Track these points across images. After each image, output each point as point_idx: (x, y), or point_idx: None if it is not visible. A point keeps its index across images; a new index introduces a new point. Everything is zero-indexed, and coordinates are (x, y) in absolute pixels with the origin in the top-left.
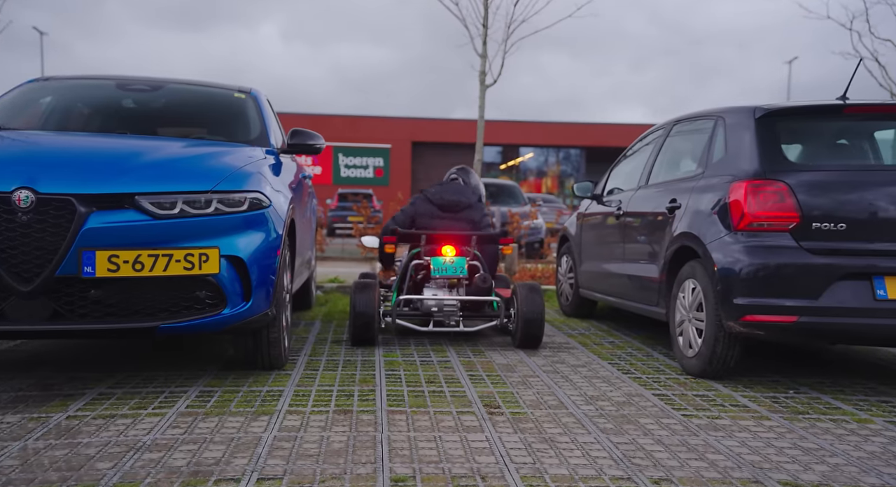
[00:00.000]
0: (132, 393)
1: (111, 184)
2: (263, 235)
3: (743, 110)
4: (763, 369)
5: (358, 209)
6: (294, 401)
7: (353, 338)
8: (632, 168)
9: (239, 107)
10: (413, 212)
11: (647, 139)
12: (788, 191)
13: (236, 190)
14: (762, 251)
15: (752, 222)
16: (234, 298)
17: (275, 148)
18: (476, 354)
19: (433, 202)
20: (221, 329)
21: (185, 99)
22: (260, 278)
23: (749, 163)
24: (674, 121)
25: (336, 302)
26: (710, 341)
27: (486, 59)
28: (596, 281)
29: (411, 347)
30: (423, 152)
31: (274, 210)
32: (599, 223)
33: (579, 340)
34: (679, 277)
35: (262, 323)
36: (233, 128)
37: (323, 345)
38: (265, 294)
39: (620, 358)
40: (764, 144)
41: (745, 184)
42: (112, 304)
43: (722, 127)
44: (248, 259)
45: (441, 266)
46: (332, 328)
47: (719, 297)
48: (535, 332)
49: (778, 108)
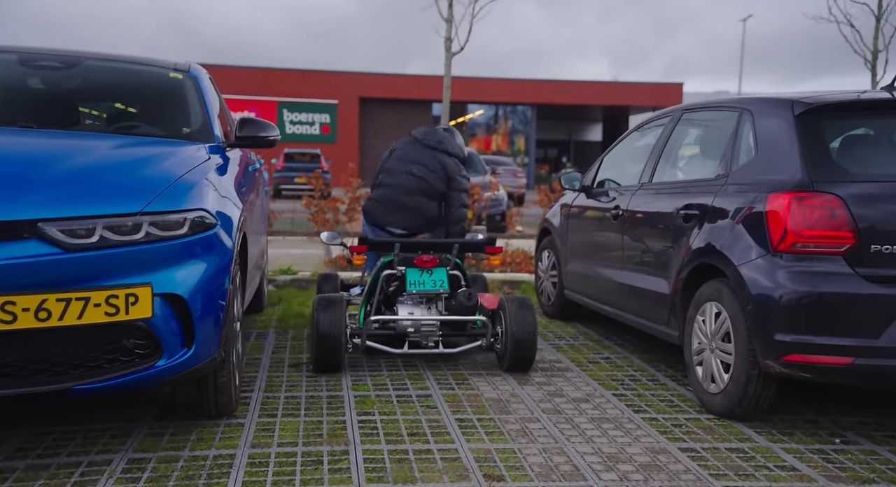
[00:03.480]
0: (37, 469)
1: (5, 207)
2: (209, 263)
3: (777, 103)
4: (789, 399)
5: (309, 180)
6: (250, 474)
7: (317, 365)
8: (629, 160)
9: (175, 90)
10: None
11: (647, 127)
12: (841, 205)
13: (174, 209)
14: (809, 278)
15: (796, 242)
16: (173, 345)
17: (220, 141)
18: (459, 382)
19: (419, 141)
20: (156, 383)
21: (109, 79)
22: (205, 317)
23: (790, 170)
24: (682, 108)
25: (290, 301)
26: (741, 379)
27: (452, 24)
28: (586, 285)
29: (383, 372)
30: (371, 108)
31: (222, 229)
32: (591, 219)
33: (571, 356)
34: (698, 297)
35: (209, 369)
36: (168, 118)
37: (279, 372)
38: (212, 335)
39: (624, 384)
40: (808, 146)
41: (787, 196)
42: (7, 364)
43: (749, 122)
44: (190, 295)
45: (418, 279)
46: (288, 340)
47: (754, 330)
48: (526, 355)
49: (823, 103)
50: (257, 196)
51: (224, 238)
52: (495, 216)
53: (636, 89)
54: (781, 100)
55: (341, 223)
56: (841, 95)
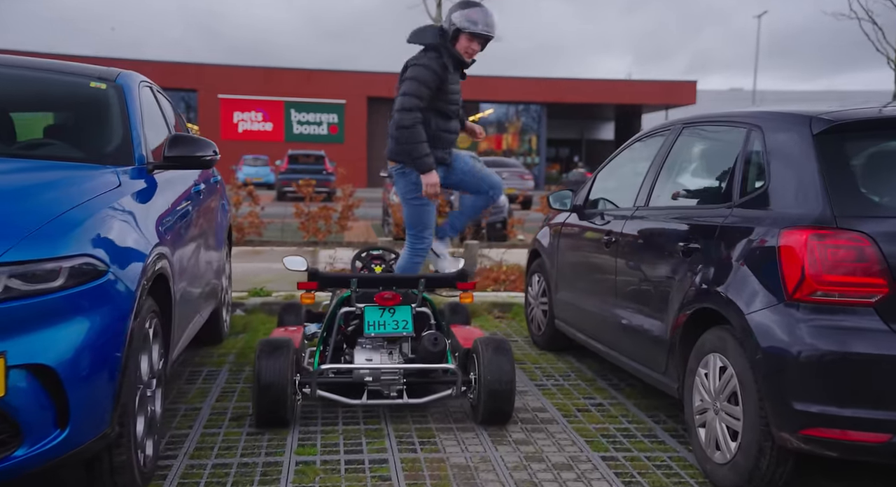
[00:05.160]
0: None
1: None
2: (95, 320)
3: (792, 119)
4: (812, 472)
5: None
6: None
7: (258, 420)
8: (624, 179)
9: (94, 103)
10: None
11: (644, 143)
12: (871, 244)
13: (46, 257)
14: (835, 335)
15: (815, 290)
16: (39, 428)
17: (145, 163)
18: (424, 441)
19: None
20: (19, 476)
21: (13, 89)
22: (87, 389)
23: (808, 201)
24: (683, 122)
25: (257, 329)
26: (751, 451)
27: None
28: (576, 317)
29: (338, 426)
30: (380, 108)
31: (119, 276)
32: (582, 244)
33: (558, 402)
34: (699, 347)
35: (98, 448)
36: (80, 135)
37: (218, 427)
38: (99, 409)
39: (616, 442)
40: (830, 172)
41: (804, 233)
42: None
43: (759, 141)
44: (63, 364)
45: (378, 320)
46: (241, 381)
47: (767, 396)
48: (502, 408)
49: (847, 119)
50: (208, 217)
51: (121, 286)
52: (496, 223)
53: (649, 87)
54: (797, 116)
55: (333, 233)
56: (869, 110)
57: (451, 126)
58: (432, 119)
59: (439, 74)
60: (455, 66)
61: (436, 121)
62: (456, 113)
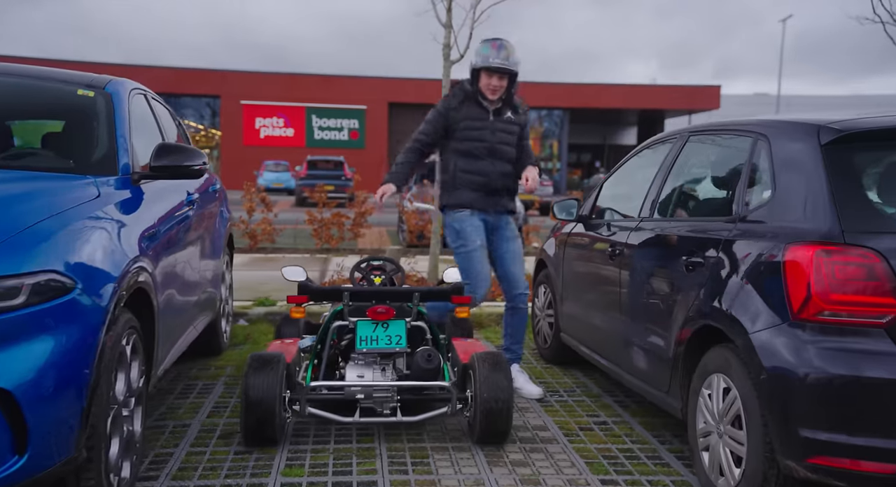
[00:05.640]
0: None
1: None
2: (60, 339)
3: (800, 128)
4: None
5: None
6: None
7: (246, 438)
8: (630, 188)
9: (80, 111)
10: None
11: (651, 151)
12: (881, 262)
13: (6, 274)
14: (843, 358)
15: (822, 309)
16: None
17: (131, 172)
18: (417, 462)
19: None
20: None
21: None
22: (47, 413)
23: (815, 215)
24: (689, 131)
25: (259, 340)
26: (755, 478)
27: (450, 30)
28: (581, 330)
29: (329, 445)
30: (400, 113)
31: (88, 291)
32: (587, 256)
33: (560, 419)
34: (702, 367)
35: (60, 474)
36: (64, 144)
37: (205, 446)
38: (62, 433)
39: (618, 464)
40: (838, 184)
41: (811, 249)
42: None
43: (765, 151)
44: (22, 388)
45: (370, 334)
46: (235, 396)
47: (771, 421)
48: (499, 428)
49: (858, 129)
50: (203, 227)
51: (90, 303)
52: None
53: (672, 92)
54: (805, 125)
55: (346, 240)
56: (881, 119)
57: (479, 167)
58: (453, 159)
59: (442, 113)
60: (482, 104)
61: (456, 161)
62: (489, 153)
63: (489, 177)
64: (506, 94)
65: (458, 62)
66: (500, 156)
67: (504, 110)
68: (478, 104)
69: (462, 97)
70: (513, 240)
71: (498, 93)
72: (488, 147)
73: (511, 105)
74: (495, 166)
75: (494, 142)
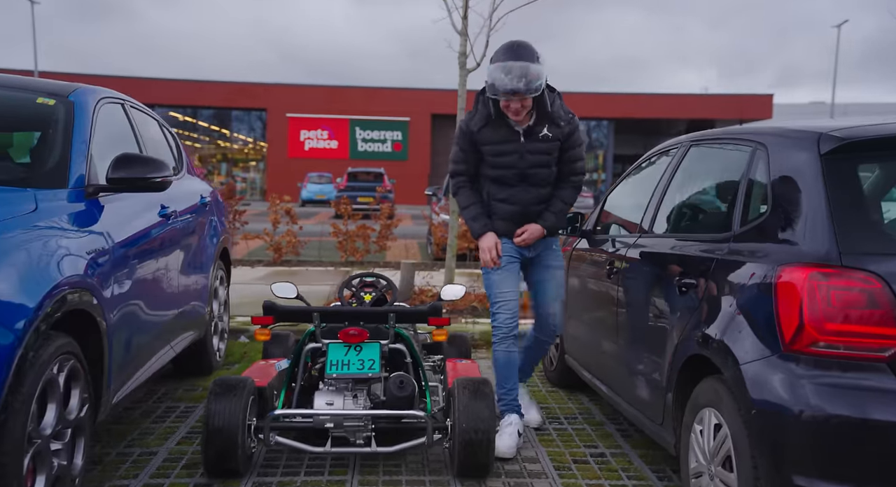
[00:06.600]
0: None
1: None
2: None
3: (798, 136)
4: None
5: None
6: None
7: (207, 468)
8: (630, 201)
9: (35, 120)
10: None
11: (653, 162)
12: (883, 288)
13: None
14: (840, 395)
15: (817, 340)
16: None
17: (85, 185)
18: None
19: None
20: None
21: None
22: None
23: (811, 233)
24: (690, 140)
25: (255, 358)
26: None
27: (466, 38)
28: (584, 354)
29: (298, 476)
30: (443, 125)
31: None
32: (588, 271)
33: (554, 450)
34: (694, 400)
35: None
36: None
37: (166, 477)
38: None
39: None
40: (838, 200)
41: (804, 272)
42: None
43: (763, 161)
44: None
45: (341, 358)
46: None
47: (763, 464)
48: (479, 460)
49: (861, 138)
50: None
51: None
52: None
53: (722, 101)
54: (805, 133)
55: (372, 252)
56: (890, 126)
57: (511, 194)
58: (485, 186)
59: (465, 132)
60: (509, 124)
61: (489, 188)
62: (521, 179)
63: (522, 204)
64: (538, 108)
65: (473, 71)
66: (535, 182)
67: (538, 127)
68: (506, 124)
69: (485, 119)
70: (551, 270)
71: (522, 114)
72: (519, 173)
73: (548, 117)
74: (529, 193)
75: (525, 167)
